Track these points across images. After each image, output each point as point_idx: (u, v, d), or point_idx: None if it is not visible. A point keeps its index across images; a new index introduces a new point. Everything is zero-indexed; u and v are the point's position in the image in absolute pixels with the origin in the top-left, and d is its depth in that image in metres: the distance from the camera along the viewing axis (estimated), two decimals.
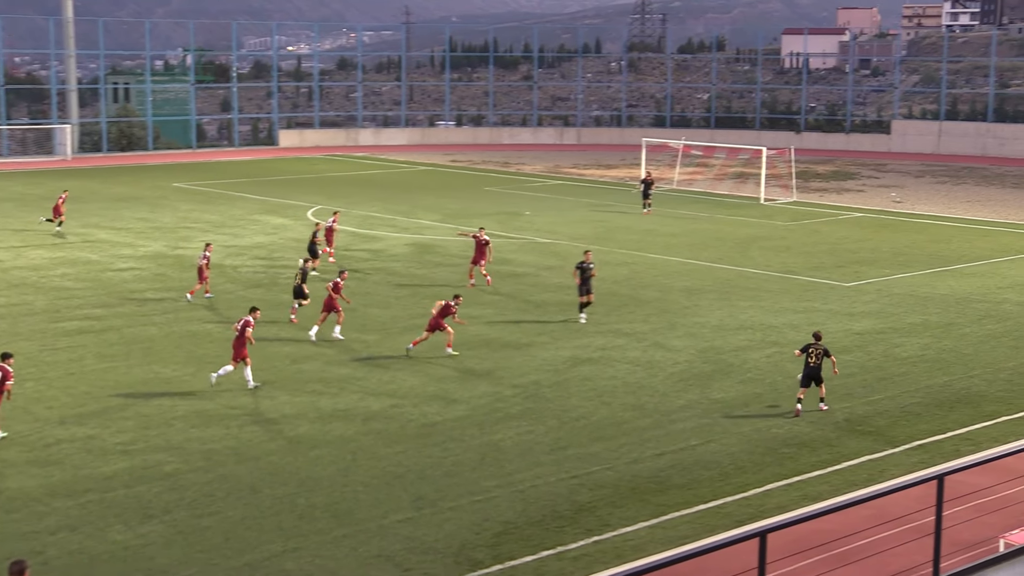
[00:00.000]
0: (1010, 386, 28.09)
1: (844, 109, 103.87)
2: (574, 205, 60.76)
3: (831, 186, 71.74)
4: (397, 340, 31.72)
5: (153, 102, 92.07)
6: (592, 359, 30.07)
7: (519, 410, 25.67)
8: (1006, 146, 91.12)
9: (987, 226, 55.38)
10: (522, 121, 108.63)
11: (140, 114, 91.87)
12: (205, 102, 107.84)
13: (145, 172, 76.62)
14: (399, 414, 25.25)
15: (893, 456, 22.96)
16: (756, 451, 23.14)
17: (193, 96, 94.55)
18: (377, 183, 71.36)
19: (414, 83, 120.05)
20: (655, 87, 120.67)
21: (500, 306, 36.39)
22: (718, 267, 43.68)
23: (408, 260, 44.42)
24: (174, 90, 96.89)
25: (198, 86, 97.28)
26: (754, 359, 30.27)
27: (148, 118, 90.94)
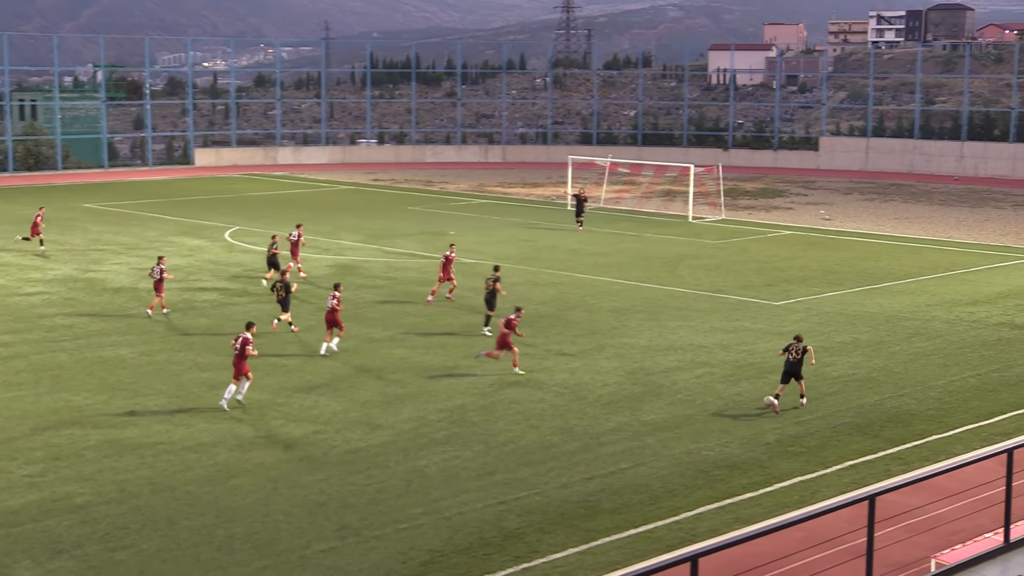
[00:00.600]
0: (940, 404, 28.56)
1: (772, 126, 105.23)
2: (499, 224, 60.88)
3: (759, 204, 72.59)
4: (319, 364, 31.54)
5: (62, 120, 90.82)
6: (519, 382, 30.08)
7: (445, 435, 25.61)
8: (932, 163, 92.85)
9: (915, 243, 56.35)
10: (446, 139, 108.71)
11: (48, 132, 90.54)
12: (117, 120, 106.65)
13: (54, 192, 75.52)
14: (321, 440, 25.08)
15: (825, 477, 23.22)
16: (687, 474, 23.29)
17: (104, 113, 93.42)
18: (297, 203, 70.95)
19: (334, 100, 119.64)
20: (581, 104, 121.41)
21: (425, 328, 36.30)
22: (646, 286, 43.97)
23: (330, 282, 44.14)
24: (84, 107, 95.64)
25: (109, 103, 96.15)
26: (684, 380, 30.49)
27: (57, 136, 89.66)
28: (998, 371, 31.89)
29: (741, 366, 31.98)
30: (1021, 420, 27.24)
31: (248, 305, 39.58)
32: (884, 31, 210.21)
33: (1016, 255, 52.75)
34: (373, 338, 34.87)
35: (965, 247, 55.26)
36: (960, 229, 61.82)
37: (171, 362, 31.81)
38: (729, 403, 28.38)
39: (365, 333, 35.42)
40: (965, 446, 25.12)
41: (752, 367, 31.89)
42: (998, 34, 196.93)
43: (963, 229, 61.82)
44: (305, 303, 39.61)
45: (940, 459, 24.12)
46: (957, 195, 78.98)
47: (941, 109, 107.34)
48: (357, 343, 34.17)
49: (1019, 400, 28.93)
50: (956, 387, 30.19)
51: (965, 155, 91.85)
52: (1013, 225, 63.57)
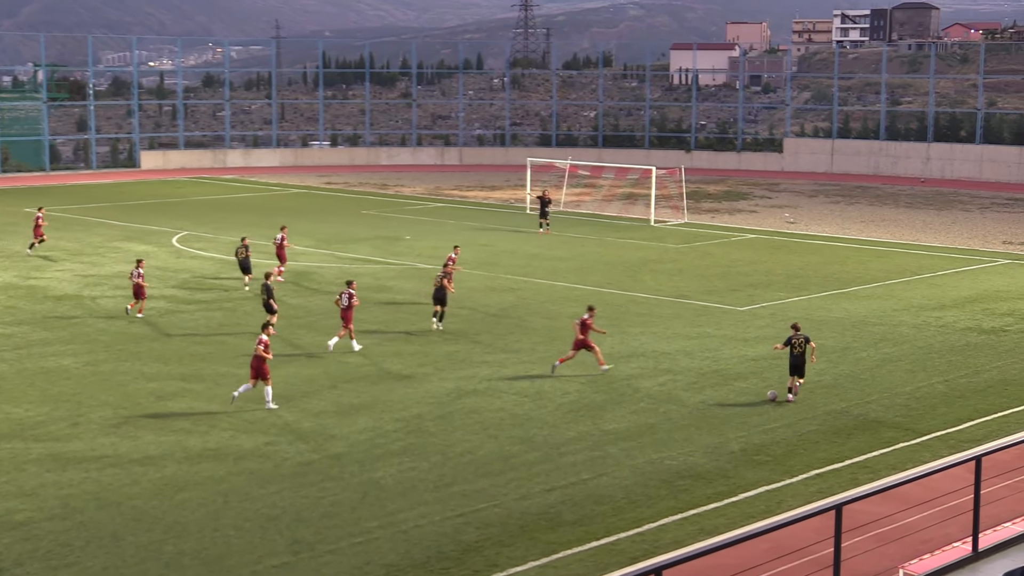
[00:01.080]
0: (907, 411, 28.78)
1: (735, 127, 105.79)
2: (456, 229, 60.85)
3: (723, 207, 72.94)
4: (271, 373, 31.33)
5: (1, 121, 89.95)
6: (478, 390, 30.07)
7: (401, 446, 25.55)
8: (898, 164, 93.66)
9: (881, 247, 56.80)
10: (401, 141, 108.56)
11: None
12: (59, 121, 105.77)
13: None
14: (273, 452, 24.96)
15: (791, 486, 23.33)
16: (650, 484, 23.34)
17: (46, 115, 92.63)
18: (247, 207, 70.64)
19: (285, 101, 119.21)
20: (540, 105, 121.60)
21: (380, 335, 36.22)
22: (608, 292, 44.06)
23: (282, 288, 43.98)
24: (24, 108, 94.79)
25: (51, 104, 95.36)
26: (646, 387, 30.57)
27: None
28: (966, 377, 32.19)
29: (705, 373, 32.10)
30: (989, 427, 27.49)
31: (197, 313, 39.36)
32: (848, 30, 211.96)
33: (983, 258, 53.29)
34: (324, 347, 34.70)
35: (932, 250, 55.75)
36: (927, 232, 62.37)
37: (117, 372, 31.58)
38: (693, 411, 28.48)
39: (318, 341, 35.28)
40: (933, 454, 25.33)
41: (716, 374, 32.02)
42: (963, 34, 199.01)
43: (930, 232, 62.38)
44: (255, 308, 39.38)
45: (908, 467, 24.29)
46: (923, 197, 79.70)
47: (907, 110, 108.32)
48: (310, 351, 34.03)
49: (987, 406, 29.20)
50: (923, 393, 30.44)
51: (931, 157, 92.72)
52: (980, 228, 64.20)
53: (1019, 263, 52.19)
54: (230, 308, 40.25)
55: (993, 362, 33.85)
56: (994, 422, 27.90)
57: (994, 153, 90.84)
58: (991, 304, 42.47)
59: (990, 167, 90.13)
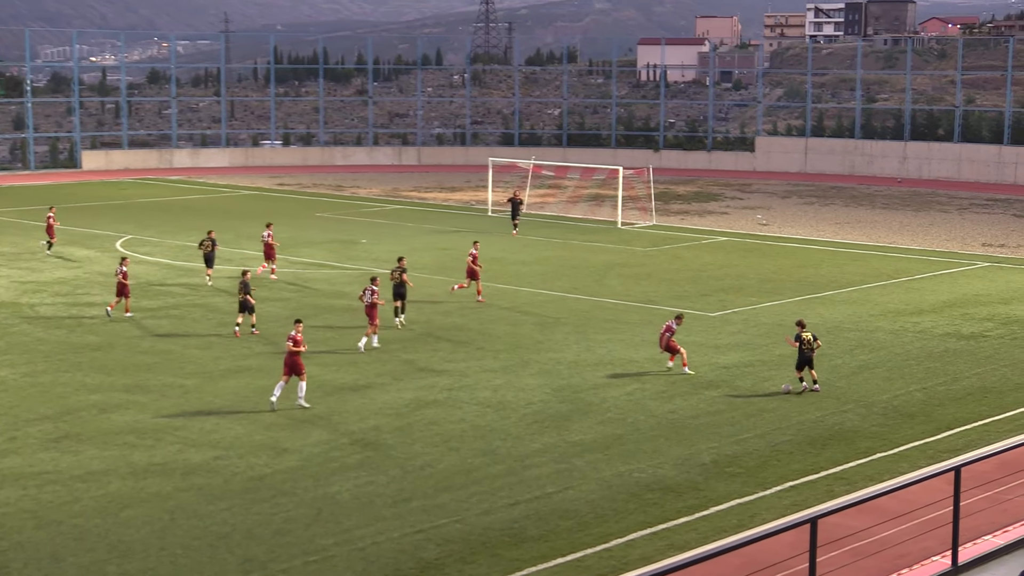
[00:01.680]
0: (885, 420, 28.96)
1: (705, 125, 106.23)
2: (415, 232, 60.79)
3: (693, 208, 73.21)
4: (220, 384, 31.25)
5: None
6: (438, 401, 30.04)
7: (357, 459, 25.49)
8: (874, 164, 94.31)
9: (857, 249, 57.15)
10: (356, 140, 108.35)
11: None
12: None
13: None
14: (223, 467, 24.85)
15: (764, 499, 23.43)
16: (618, 498, 23.38)
17: None
18: (195, 210, 70.32)
19: (235, 98, 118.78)
20: (502, 102, 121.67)
21: (335, 344, 36.13)
22: (573, 297, 44.13)
23: (231, 295, 43.80)
24: None
25: None
26: (614, 397, 30.62)
27: None
28: (944, 384, 32.43)
29: (675, 382, 32.20)
30: (969, 436, 27.70)
31: (142, 321, 39.13)
32: (822, 24, 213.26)
33: (962, 261, 53.71)
34: (279, 355, 34.56)
35: (909, 253, 56.15)
36: (904, 234, 62.82)
37: (57, 383, 31.36)
38: (662, 421, 28.55)
39: (270, 349, 35.16)
40: (911, 464, 25.50)
41: (686, 383, 32.13)
42: (941, 28, 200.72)
43: (907, 234, 62.83)
44: (211, 312, 39.20)
45: (885, 479, 24.44)
46: (900, 198, 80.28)
47: (883, 107, 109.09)
48: (262, 360, 33.93)
49: (967, 415, 29.43)
50: (901, 402, 30.64)
51: (908, 156, 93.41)
52: (958, 230, 64.72)
53: (999, 266, 52.65)
54: (177, 316, 40.05)
55: (972, 369, 34.12)
56: (974, 431, 28.12)
57: (973, 152, 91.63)
58: (970, 309, 42.81)
59: (969, 166, 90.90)
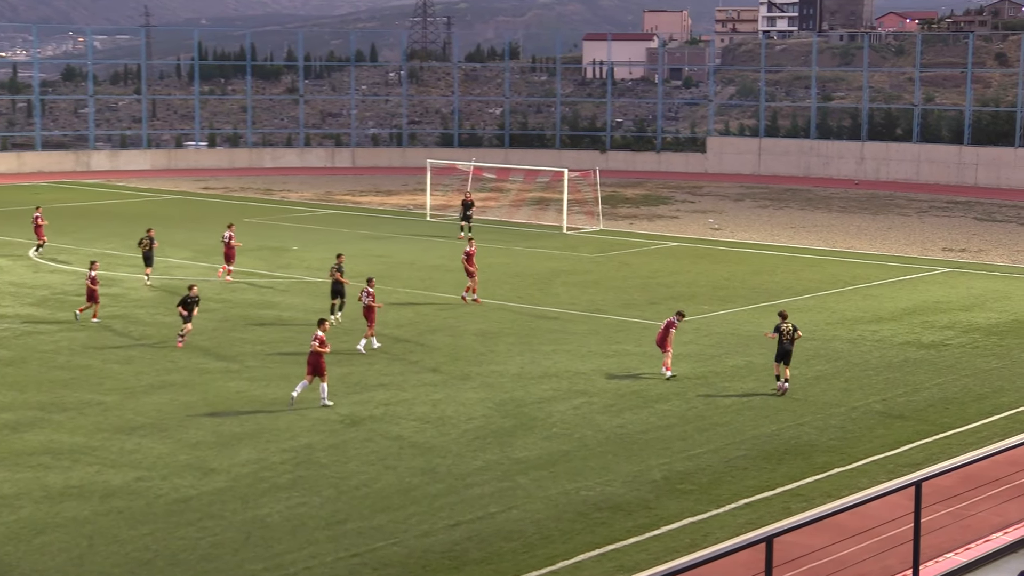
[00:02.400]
0: (843, 433, 29.18)
1: (654, 125, 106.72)
2: (349, 238, 60.62)
3: (642, 212, 73.50)
4: (142, 400, 31.00)
5: None
6: (374, 416, 29.97)
7: (289, 479, 25.37)
8: (831, 165, 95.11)
9: (813, 255, 57.58)
10: (286, 141, 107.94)
11: None
12: None
13: None
14: (145, 489, 24.65)
15: (718, 517, 23.54)
16: (564, 517, 23.41)
17: None
18: (115, 215, 69.76)
19: (157, 97, 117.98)
20: (440, 101, 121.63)
21: (264, 357, 35.96)
22: (517, 306, 44.17)
23: (154, 306, 43.51)
24: None
25: None
26: (560, 411, 30.67)
27: None
28: (904, 395, 32.74)
29: (624, 394, 32.29)
30: (930, 449, 27.98)
31: (58, 334, 38.76)
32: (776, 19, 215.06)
33: (922, 267, 54.27)
34: (205, 369, 34.42)
35: (867, 258, 56.66)
36: (861, 239, 63.39)
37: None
38: (611, 436, 28.63)
39: (196, 364, 34.95)
40: (870, 479, 25.71)
41: (636, 395, 32.23)
42: (899, 23, 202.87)
43: (864, 239, 63.40)
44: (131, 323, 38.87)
45: (843, 494, 24.62)
46: (858, 201, 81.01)
47: (839, 106, 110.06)
48: (186, 375, 33.71)
49: (927, 427, 29.73)
50: (860, 414, 30.90)
51: (866, 156, 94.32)
52: (918, 234, 65.39)
53: (960, 271, 53.23)
54: (95, 328, 39.69)
55: (933, 379, 34.48)
56: (935, 444, 28.41)
57: (932, 152, 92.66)
58: (931, 316, 43.26)
59: (928, 168, 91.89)
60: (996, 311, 44.38)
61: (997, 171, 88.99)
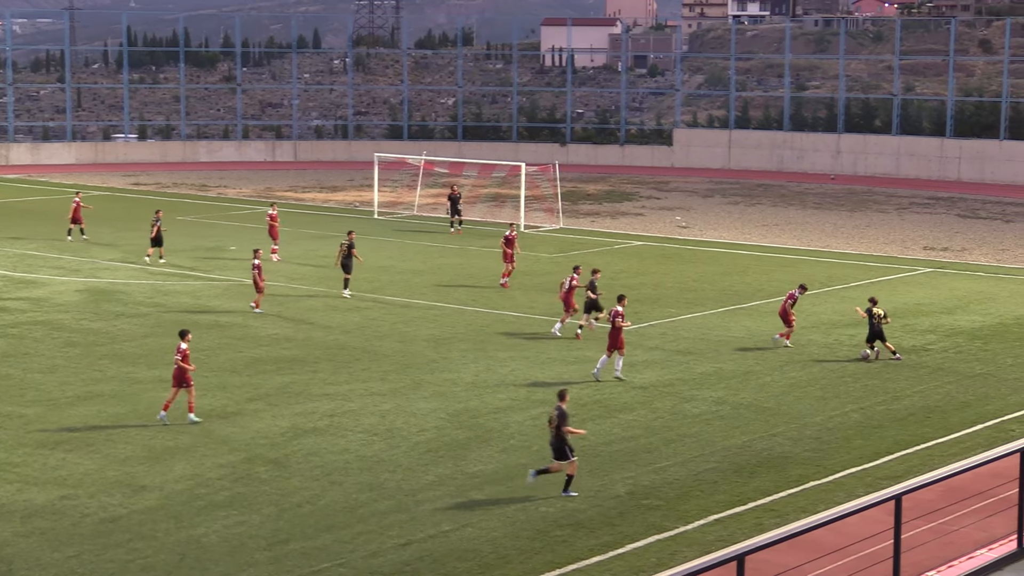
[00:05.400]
0: (818, 444, 29.35)
1: (617, 116, 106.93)
2: (292, 237, 60.43)
3: (604, 209, 73.65)
4: (66, 413, 30.82)
5: None
6: (318, 429, 29.91)
7: (227, 496, 25.30)
8: (805, 159, 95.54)
9: (787, 254, 57.84)
10: (223, 133, 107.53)
11: None
12: None
13: None
14: (71, 508, 24.52)
15: (686, 534, 23.63)
16: (522, 535, 23.44)
17: None
18: (36, 213, 69.31)
19: (82, 86, 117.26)
20: (388, 90, 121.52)
21: (200, 365, 35.77)
22: (471, 310, 44.18)
23: (80, 310, 43.27)
24: None
25: None
26: (518, 422, 30.70)
27: None
28: (883, 404, 32.95)
29: (585, 404, 32.34)
30: (910, 461, 28.19)
31: None
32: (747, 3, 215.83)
33: (902, 267, 54.61)
34: (136, 379, 34.26)
35: (844, 258, 56.97)
36: (838, 237, 63.74)
37: None
38: None
39: (126, 373, 34.78)
40: (848, 493, 25.88)
41: (598, 404, 32.30)
42: (877, 8, 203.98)
43: (841, 237, 63.76)
44: None
45: (819, 509, 24.77)
46: (834, 197, 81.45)
47: (814, 96, 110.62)
48: (115, 385, 33.54)
49: (908, 437, 29.94)
50: (836, 424, 31.07)
51: (842, 150, 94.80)
52: (897, 232, 65.81)
53: (942, 271, 53.61)
54: (16, 335, 39.44)
55: (914, 386, 34.72)
56: (916, 456, 28.62)
57: (912, 145, 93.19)
58: (911, 319, 43.55)
59: (908, 161, 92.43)
60: (980, 314, 44.73)
61: (981, 165, 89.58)
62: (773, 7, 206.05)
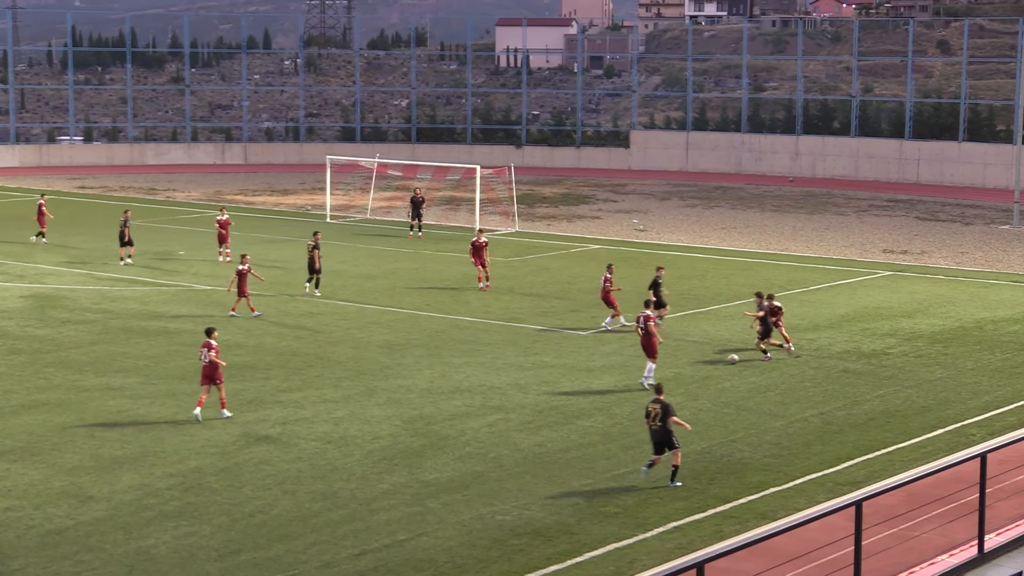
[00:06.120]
0: (778, 450, 29.46)
1: (573, 118, 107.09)
2: (241, 241, 60.18)
3: (561, 212, 73.76)
4: (11, 422, 30.62)
5: None
6: (270, 437, 29.82)
7: (176, 506, 25.18)
8: (763, 161, 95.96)
9: (746, 257, 58.06)
10: (172, 135, 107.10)
11: None
12: None
13: None
14: (15, 520, 24.35)
15: (645, 542, 23.67)
16: (479, 544, 23.43)
17: None
18: None
19: (26, 86, 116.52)
20: (341, 91, 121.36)
21: (148, 372, 35.64)
22: (425, 315, 44.14)
23: (24, 317, 42.99)
24: None
25: None
26: (474, 429, 30.69)
27: None
28: (844, 408, 33.11)
29: (542, 410, 32.37)
30: (871, 466, 28.32)
31: None
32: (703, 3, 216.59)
33: (862, 270, 54.90)
34: (82, 387, 34.05)
35: (803, 261, 57.24)
36: (797, 240, 64.04)
37: None
38: (529, 456, 28.69)
39: (72, 381, 34.56)
40: (808, 499, 25.98)
41: (556, 411, 32.32)
42: (835, 8, 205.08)
43: (800, 240, 64.06)
44: None
45: (779, 516, 24.86)
46: (793, 199, 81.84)
47: (772, 97, 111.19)
48: (61, 393, 33.32)
49: (868, 442, 30.09)
50: (796, 429, 31.20)
51: (801, 151, 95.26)
52: (857, 235, 66.17)
53: (901, 275, 53.92)
54: None
55: (874, 391, 34.90)
56: (876, 460, 28.76)
57: (871, 147, 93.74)
58: (871, 323, 43.78)
59: (867, 163, 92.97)
60: (940, 317, 45.01)
61: (940, 167, 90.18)
62: (730, 7, 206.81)
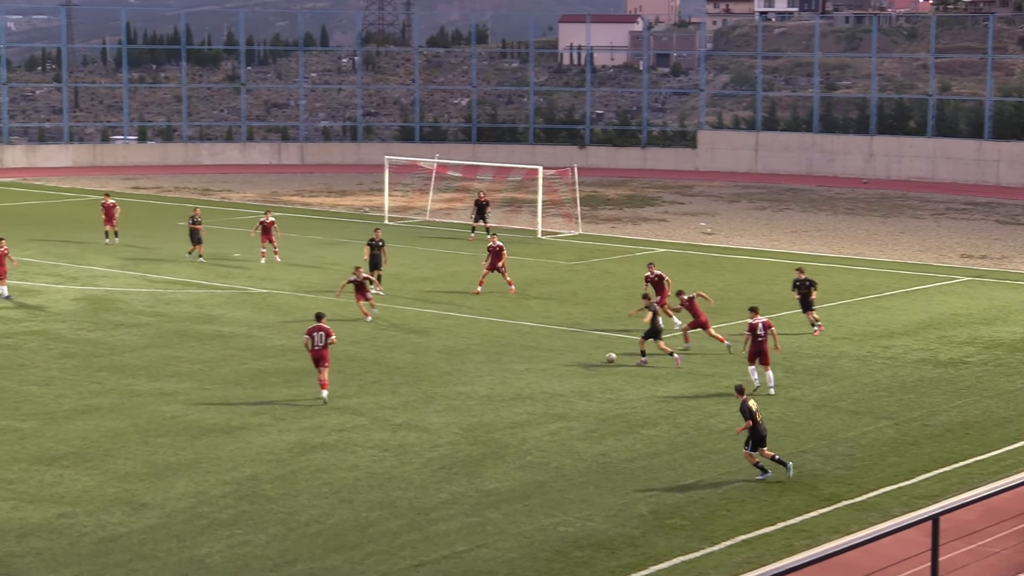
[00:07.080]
0: (851, 461, 29.26)
1: (639, 117, 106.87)
2: (298, 243, 60.51)
3: (625, 215, 73.61)
4: (63, 427, 30.85)
5: None
6: (326, 444, 29.91)
7: (231, 515, 25.30)
8: (836, 162, 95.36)
9: (817, 262, 57.67)
10: (227, 135, 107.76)
11: None
12: None
13: None
14: (68, 527, 24.54)
15: (712, 555, 23.57)
16: (540, 556, 23.41)
17: None
18: (32, 218, 69.45)
19: (80, 85, 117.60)
20: (399, 90, 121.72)
21: (203, 377, 35.83)
22: (486, 320, 44.15)
23: (77, 320, 43.33)
24: None
25: None
26: (535, 437, 30.66)
27: None
28: (919, 419, 32.86)
29: (606, 418, 32.31)
30: (948, 480, 28.09)
31: None
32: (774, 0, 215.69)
33: (938, 276, 54.47)
34: (136, 391, 34.27)
35: (877, 266, 56.84)
36: (871, 244, 63.60)
37: None
38: (592, 465, 28.64)
39: (125, 385, 34.79)
40: (882, 513, 25.80)
41: (620, 419, 32.25)
42: (911, 4, 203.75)
43: (874, 244, 63.62)
44: None
45: (852, 530, 24.70)
46: (866, 202, 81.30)
47: (845, 96, 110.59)
48: (114, 398, 33.56)
49: (945, 455, 29.84)
50: (869, 440, 30.99)
51: (875, 153, 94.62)
52: (934, 239, 65.66)
53: (980, 280, 53.47)
54: (11, 345, 39.49)
55: (951, 401, 34.61)
56: (954, 473, 28.53)
57: (949, 148, 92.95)
58: (948, 331, 43.43)
59: (944, 165, 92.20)
60: (1021, 325, 44.59)
61: (1022, 168, 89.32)
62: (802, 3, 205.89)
